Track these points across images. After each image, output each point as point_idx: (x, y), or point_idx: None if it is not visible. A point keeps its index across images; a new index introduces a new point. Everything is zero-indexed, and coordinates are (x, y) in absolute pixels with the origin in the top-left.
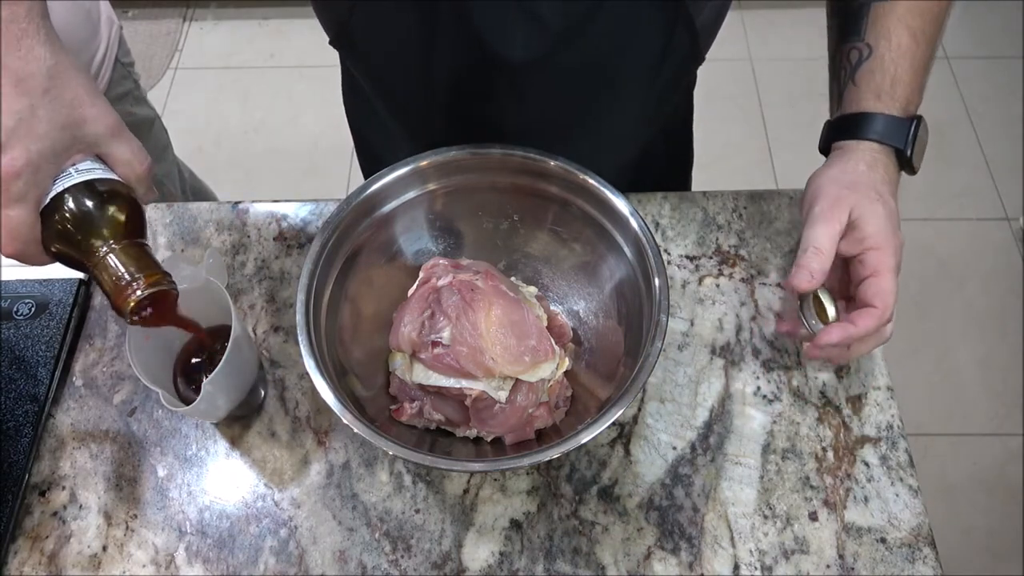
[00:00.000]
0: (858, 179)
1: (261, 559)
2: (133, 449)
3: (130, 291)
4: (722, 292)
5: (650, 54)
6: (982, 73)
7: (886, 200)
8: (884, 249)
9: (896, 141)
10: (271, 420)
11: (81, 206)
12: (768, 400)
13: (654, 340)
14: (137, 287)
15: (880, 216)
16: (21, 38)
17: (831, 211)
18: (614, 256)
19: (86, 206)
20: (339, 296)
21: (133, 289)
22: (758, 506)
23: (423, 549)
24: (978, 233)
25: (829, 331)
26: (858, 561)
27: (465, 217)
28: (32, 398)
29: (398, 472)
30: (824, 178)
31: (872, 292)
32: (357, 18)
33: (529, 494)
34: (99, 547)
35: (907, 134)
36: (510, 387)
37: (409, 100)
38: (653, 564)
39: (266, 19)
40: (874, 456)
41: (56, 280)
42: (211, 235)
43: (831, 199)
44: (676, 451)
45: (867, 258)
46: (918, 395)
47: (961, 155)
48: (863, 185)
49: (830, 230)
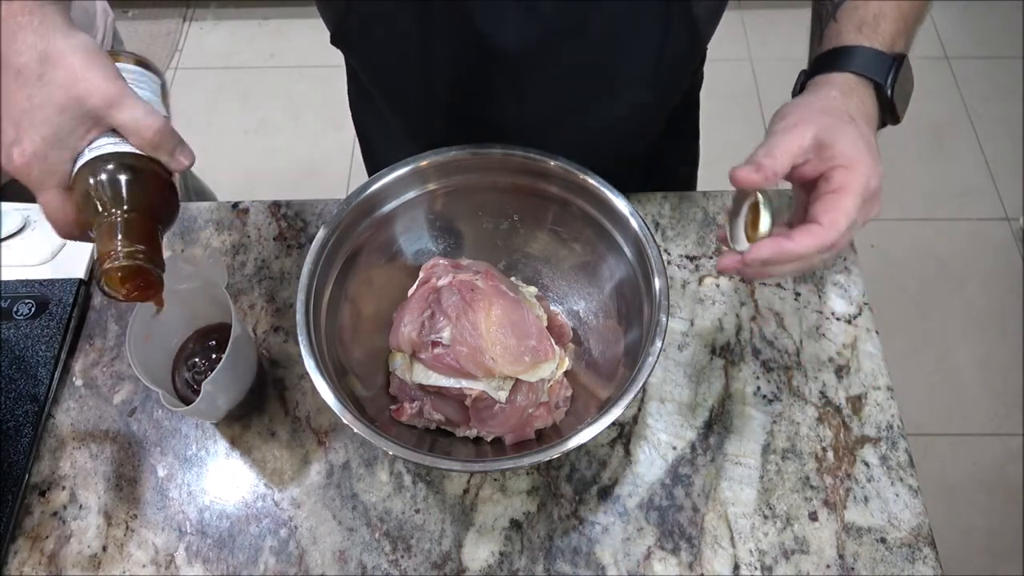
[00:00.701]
0: (830, 104)
1: (261, 559)
2: (133, 449)
3: (106, 262)
4: (722, 292)
5: (649, 47)
6: (982, 73)
7: (860, 125)
8: (853, 168)
9: (876, 74)
10: (271, 420)
11: (81, 185)
12: (768, 400)
13: (654, 340)
14: (113, 259)
15: (852, 136)
16: (17, 32)
17: (794, 127)
18: (614, 256)
19: (86, 184)
20: (339, 296)
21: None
22: (758, 506)
23: (423, 549)
24: (978, 233)
25: (760, 246)
26: (858, 561)
27: (465, 217)
28: (32, 398)
29: (398, 472)
30: (790, 104)
31: (823, 208)
32: (353, 17)
33: (529, 494)
34: (99, 547)
35: (889, 68)
36: (510, 387)
37: (409, 100)
38: (653, 564)
39: (266, 19)
40: (874, 456)
41: (56, 280)
42: (211, 235)
43: (796, 117)
44: (676, 451)
45: (833, 175)
46: (918, 395)
47: (961, 155)
48: (835, 110)
49: (788, 139)
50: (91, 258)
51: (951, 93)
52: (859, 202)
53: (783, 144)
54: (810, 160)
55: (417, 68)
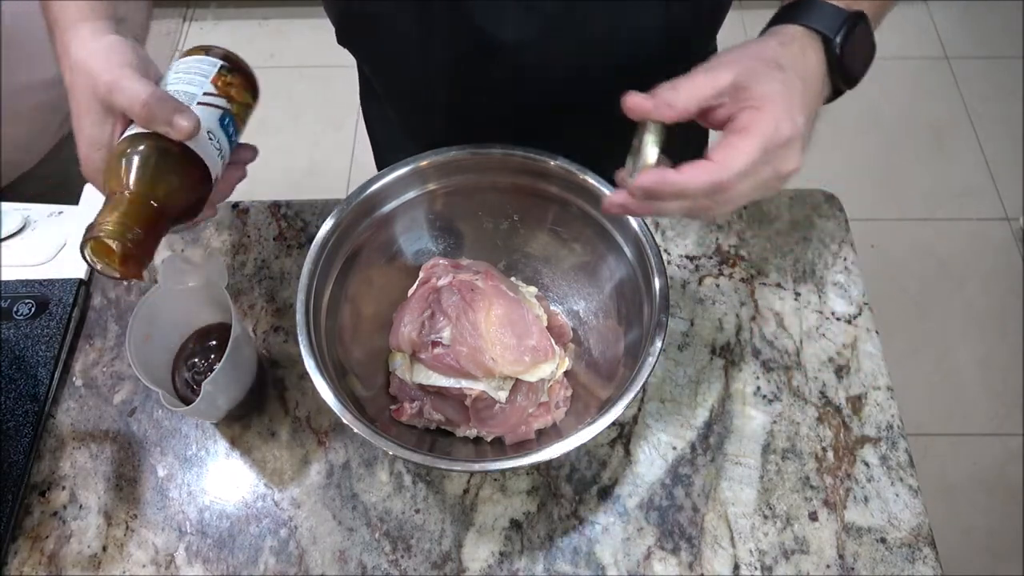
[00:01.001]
0: (763, 51)
1: (261, 559)
2: (133, 449)
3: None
4: (722, 292)
5: (649, 35)
6: (982, 73)
7: (787, 73)
8: (762, 110)
9: (826, 28)
10: (271, 420)
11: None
12: (768, 400)
13: (654, 340)
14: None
15: (772, 81)
16: (63, 56)
17: (713, 68)
18: (614, 256)
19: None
20: (339, 296)
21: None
22: (758, 506)
23: (423, 549)
24: (978, 233)
25: (644, 174)
26: (858, 561)
27: (465, 217)
28: (32, 398)
29: (398, 472)
30: (725, 51)
31: (720, 146)
32: (354, 15)
33: (529, 494)
34: (99, 547)
35: (842, 24)
36: (510, 387)
37: (410, 98)
38: (653, 564)
39: (266, 19)
40: (874, 456)
41: (56, 280)
42: (211, 235)
43: (721, 60)
44: (676, 451)
45: (740, 115)
46: (918, 395)
47: (961, 155)
48: (766, 57)
49: (701, 78)
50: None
51: (951, 93)
52: (761, 146)
53: (693, 81)
54: (725, 103)
55: (417, 67)
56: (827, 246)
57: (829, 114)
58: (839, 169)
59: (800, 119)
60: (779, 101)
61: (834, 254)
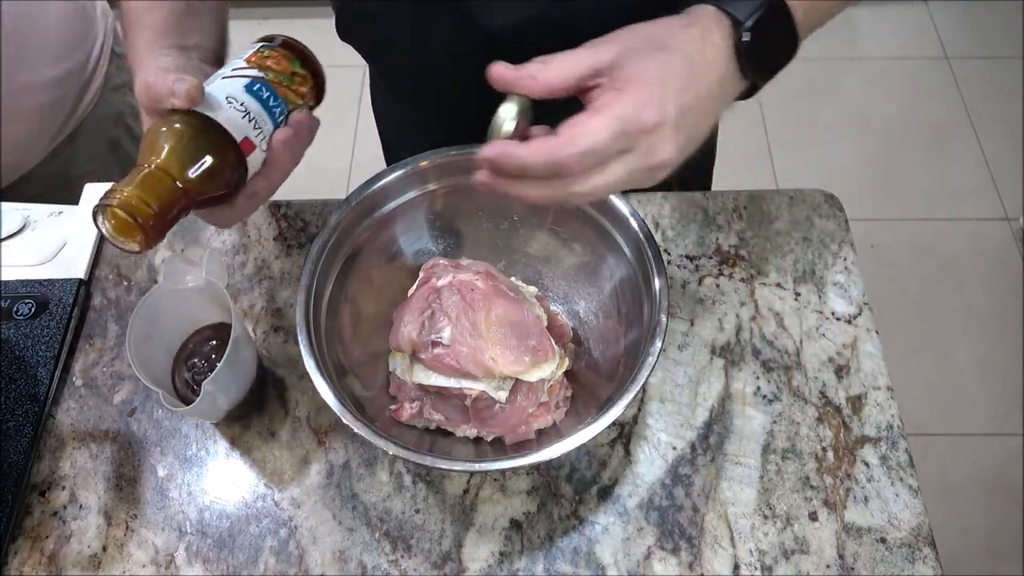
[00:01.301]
0: (657, 30)
1: (261, 559)
2: (133, 449)
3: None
4: (722, 292)
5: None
6: (982, 73)
7: (673, 56)
8: (625, 91)
9: (736, 9)
10: (271, 420)
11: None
12: (768, 400)
13: (654, 340)
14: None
15: (649, 62)
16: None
17: (597, 44)
18: (614, 256)
19: None
20: (339, 296)
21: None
22: (758, 506)
23: (423, 549)
24: (978, 233)
25: (488, 145)
26: (858, 561)
27: (465, 217)
28: (32, 398)
29: (398, 472)
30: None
31: (567, 123)
32: (354, 14)
33: (529, 494)
34: (99, 547)
35: (757, 8)
36: (510, 387)
37: (410, 97)
38: (653, 564)
39: (266, 19)
40: (874, 456)
41: (56, 280)
42: (211, 235)
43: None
44: (676, 451)
45: (603, 95)
46: (918, 395)
47: (961, 155)
48: (657, 36)
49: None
50: (91, 258)
51: (951, 93)
52: (613, 128)
53: (570, 56)
54: (603, 83)
55: (414, 64)
56: (827, 246)
57: (829, 114)
58: (839, 169)
59: (672, 107)
60: (649, 84)
61: (834, 254)
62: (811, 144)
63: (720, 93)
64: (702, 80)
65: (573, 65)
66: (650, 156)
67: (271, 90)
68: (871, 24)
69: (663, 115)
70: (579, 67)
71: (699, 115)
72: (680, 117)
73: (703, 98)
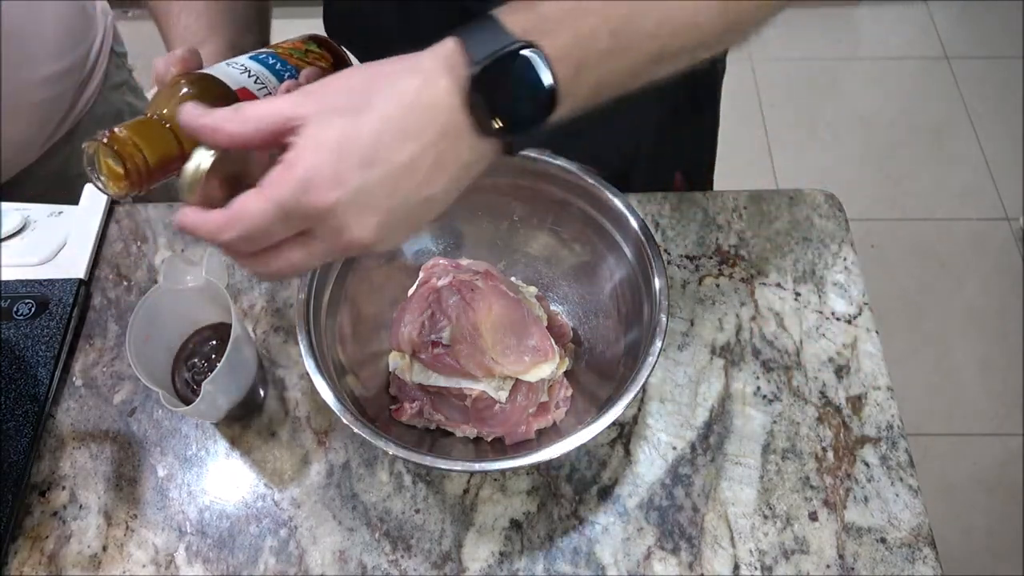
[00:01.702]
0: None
1: (261, 559)
2: (133, 449)
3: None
4: (722, 292)
5: None
6: (982, 73)
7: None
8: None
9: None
10: (271, 420)
11: None
12: (768, 400)
13: (654, 340)
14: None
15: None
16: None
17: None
18: (614, 256)
19: None
20: (339, 296)
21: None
22: (758, 506)
23: (423, 549)
24: (978, 233)
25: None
26: (858, 561)
27: (465, 217)
28: (32, 398)
29: (398, 472)
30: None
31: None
32: (344, 14)
33: (529, 494)
34: (99, 547)
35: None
36: (510, 387)
37: None
38: (653, 564)
39: None
40: (874, 456)
41: (56, 280)
42: None
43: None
44: (676, 451)
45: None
46: (918, 395)
47: (961, 155)
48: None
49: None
50: (91, 258)
51: (951, 93)
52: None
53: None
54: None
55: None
56: (827, 246)
57: (829, 114)
58: (839, 169)
59: (355, 182)
60: (319, 160)
61: (834, 254)
62: (811, 144)
63: (446, 154)
64: (406, 145)
65: (267, 116)
66: (338, 238)
67: (278, 58)
68: (871, 24)
69: (338, 195)
70: (273, 119)
71: (409, 186)
72: (367, 194)
73: (409, 167)
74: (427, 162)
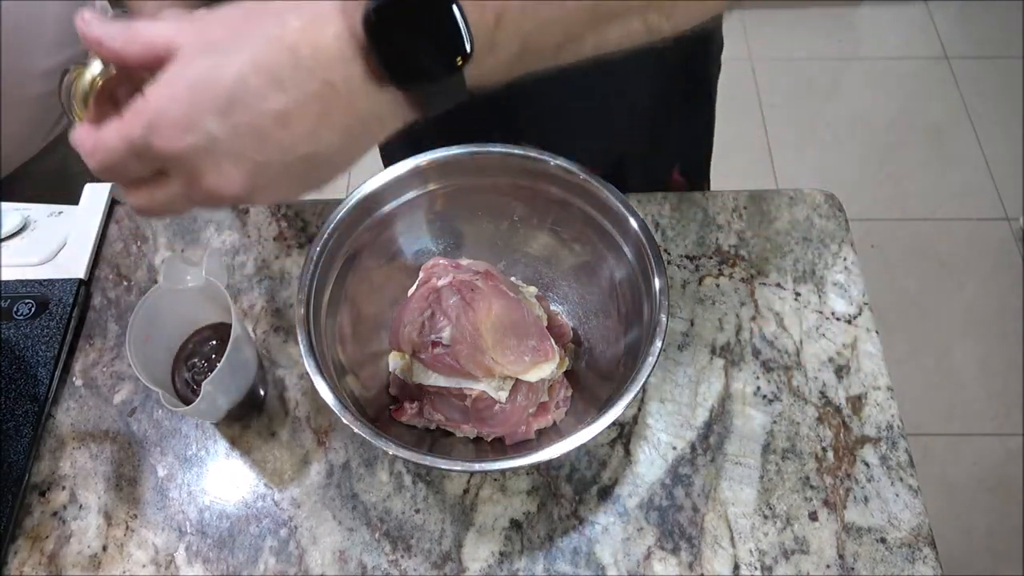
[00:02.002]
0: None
1: (261, 559)
2: (133, 449)
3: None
4: (722, 292)
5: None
6: (982, 73)
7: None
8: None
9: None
10: (271, 420)
11: None
12: (768, 400)
13: (654, 340)
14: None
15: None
16: None
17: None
18: (614, 256)
19: None
20: (339, 296)
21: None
22: (758, 506)
23: (423, 549)
24: (978, 233)
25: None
26: (858, 561)
27: (465, 217)
28: (32, 398)
29: (398, 472)
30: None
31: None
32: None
33: (529, 494)
34: (99, 547)
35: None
36: (510, 387)
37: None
38: (653, 564)
39: None
40: (874, 456)
41: (56, 280)
42: (211, 235)
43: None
44: (676, 451)
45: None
46: (918, 395)
47: (961, 155)
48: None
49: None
50: (91, 258)
51: (951, 93)
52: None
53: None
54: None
55: None
56: (827, 246)
57: (829, 114)
58: (839, 169)
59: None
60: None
61: (834, 254)
62: (811, 144)
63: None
64: (276, 94)
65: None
66: (195, 185)
67: None
68: (871, 24)
69: (189, 141)
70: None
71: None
72: (226, 143)
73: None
74: (307, 114)
